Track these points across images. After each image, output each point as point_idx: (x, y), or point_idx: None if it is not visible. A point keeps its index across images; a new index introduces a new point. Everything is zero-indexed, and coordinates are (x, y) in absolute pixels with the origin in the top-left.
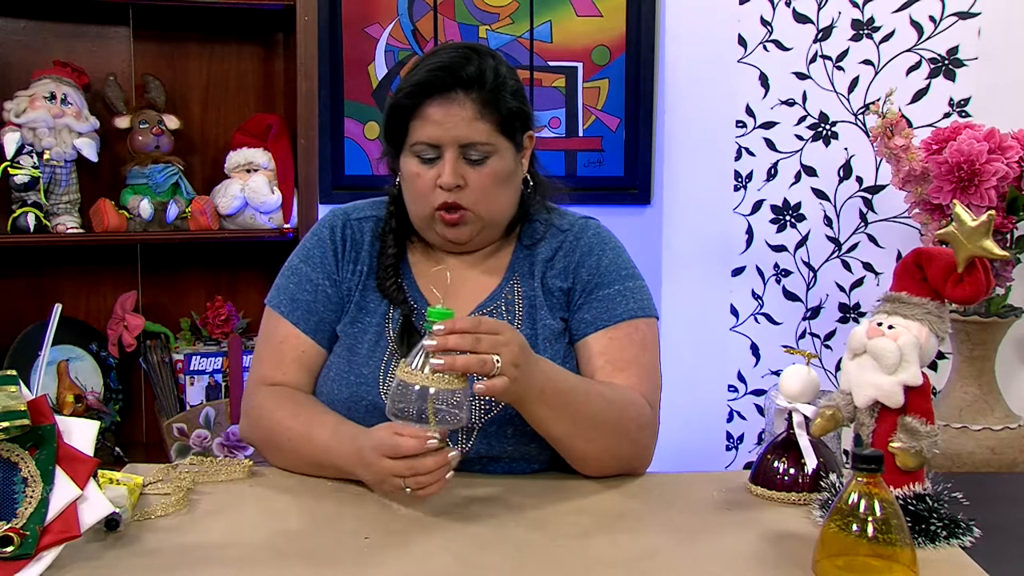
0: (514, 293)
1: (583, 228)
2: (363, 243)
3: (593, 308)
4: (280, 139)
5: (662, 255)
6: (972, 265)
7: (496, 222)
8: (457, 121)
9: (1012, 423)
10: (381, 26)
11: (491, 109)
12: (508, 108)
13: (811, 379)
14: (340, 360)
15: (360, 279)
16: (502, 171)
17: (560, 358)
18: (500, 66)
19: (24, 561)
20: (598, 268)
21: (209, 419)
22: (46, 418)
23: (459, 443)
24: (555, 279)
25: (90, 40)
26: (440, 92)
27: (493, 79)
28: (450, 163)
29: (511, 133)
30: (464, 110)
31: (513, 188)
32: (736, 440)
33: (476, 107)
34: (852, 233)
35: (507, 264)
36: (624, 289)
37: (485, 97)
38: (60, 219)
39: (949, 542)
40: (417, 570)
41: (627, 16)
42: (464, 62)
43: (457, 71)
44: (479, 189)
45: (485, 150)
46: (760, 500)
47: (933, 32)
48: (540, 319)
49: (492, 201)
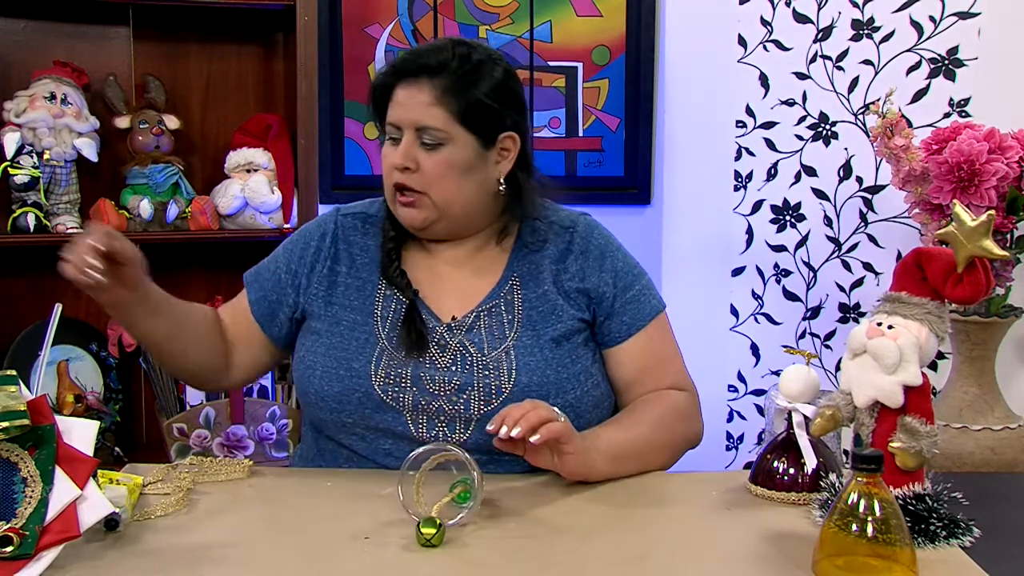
0: (514, 294)
1: (587, 228)
2: (351, 241)
3: (623, 314)
4: (280, 139)
5: (662, 255)
6: (972, 265)
7: (452, 213)
8: (415, 104)
9: (1012, 423)
10: (381, 26)
11: (451, 97)
12: (474, 99)
13: (811, 379)
14: (327, 358)
15: (337, 277)
16: (457, 160)
17: (571, 358)
18: (484, 62)
19: (24, 561)
20: (616, 272)
21: (209, 419)
22: (46, 418)
23: (457, 433)
24: (571, 281)
25: (90, 40)
26: (406, 76)
27: (460, 68)
28: (403, 144)
29: (474, 126)
30: (423, 94)
31: (473, 182)
32: (736, 440)
33: (436, 93)
34: (852, 233)
35: (505, 264)
36: (643, 287)
37: (446, 84)
38: (60, 219)
39: (949, 542)
40: (417, 570)
41: (627, 16)
42: (436, 51)
43: (424, 57)
44: (429, 174)
45: (438, 136)
46: (760, 500)
47: (933, 32)
48: (549, 320)
49: (443, 188)
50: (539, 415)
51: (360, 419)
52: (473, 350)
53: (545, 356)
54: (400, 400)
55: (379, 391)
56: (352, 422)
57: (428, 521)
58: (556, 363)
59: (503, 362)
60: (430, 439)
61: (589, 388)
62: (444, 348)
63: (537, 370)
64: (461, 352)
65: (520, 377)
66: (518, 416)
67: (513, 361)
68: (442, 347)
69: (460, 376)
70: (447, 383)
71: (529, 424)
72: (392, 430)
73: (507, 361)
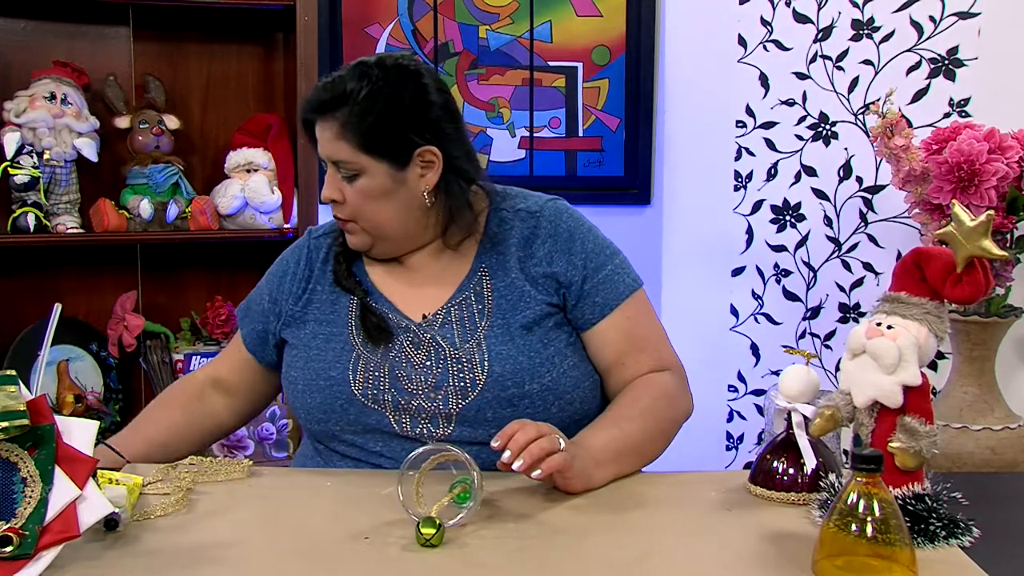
0: (483, 285)
1: (555, 212)
2: (325, 259)
3: (595, 295)
4: (280, 139)
5: (662, 255)
6: (971, 265)
7: (386, 235)
8: (325, 140)
9: (1012, 423)
10: (381, 26)
11: (350, 130)
12: (374, 127)
13: (811, 379)
14: (306, 372)
15: (313, 296)
16: (373, 189)
17: (543, 342)
18: (383, 86)
19: (23, 561)
20: (586, 254)
21: None
22: (45, 418)
23: (440, 428)
24: (538, 265)
25: (90, 40)
26: (317, 112)
27: (355, 98)
28: (327, 178)
29: (380, 151)
30: (330, 130)
31: (395, 204)
32: (736, 440)
33: (336, 127)
34: (852, 233)
35: (473, 255)
36: (615, 267)
37: (347, 117)
38: (60, 219)
39: (948, 542)
40: (417, 570)
41: (627, 16)
42: (335, 83)
43: (323, 93)
44: (352, 204)
45: (350, 168)
46: (760, 500)
47: (933, 32)
48: (518, 307)
49: (370, 216)
50: (541, 448)
51: (347, 425)
52: (445, 344)
53: (516, 344)
54: (380, 401)
55: (359, 396)
56: (340, 429)
57: (428, 521)
58: (528, 349)
59: (475, 354)
60: (415, 436)
61: (566, 369)
62: (418, 346)
63: (509, 358)
64: (434, 347)
65: (493, 367)
66: (523, 442)
67: (485, 352)
68: (416, 345)
69: (435, 372)
70: (424, 381)
71: (532, 458)
72: (379, 429)
73: (479, 352)
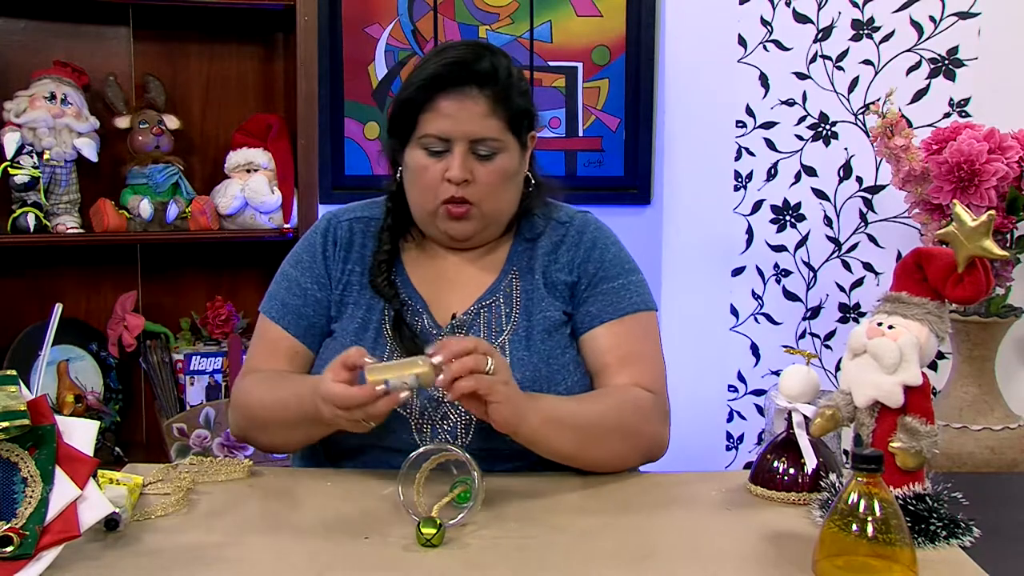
0: (512, 287)
1: (584, 222)
2: (353, 243)
3: (599, 301)
4: (280, 139)
5: (662, 255)
6: (972, 265)
7: (498, 220)
8: (470, 116)
9: (1012, 423)
10: (381, 26)
11: (502, 106)
12: (517, 106)
13: (811, 379)
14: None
15: (351, 278)
16: (509, 168)
17: (560, 348)
18: (511, 65)
19: (24, 561)
20: (603, 262)
21: (209, 419)
22: (46, 418)
23: (458, 439)
24: (559, 272)
25: (90, 40)
26: (453, 86)
27: (506, 76)
28: (459, 157)
29: (518, 131)
30: (477, 105)
31: (516, 186)
32: (736, 440)
33: (489, 103)
34: (852, 233)
35: (505, 258)
36: (627, 283)
37: (497, 94)
38: (60, 219)
39: (949, 542)
40: (417, 570)
41: (627, 16)
42: (477, 58)
43: (472, 66)
44: (486, 185)
45: (494, 146)
46: (760, 500)
47: (933, 32)
48: (539, 311)
49: (497, 198)
50: (464, 365)
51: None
52: None
53: (537, 349)
54: (407, 406)
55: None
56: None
57: (428, 521)
58: (547, 355)
59: None
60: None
61: (579, 378)
62: None
63: (530, 365)
64: None
65: (513, 374)
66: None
67: (508, 358)
68: None
69: None
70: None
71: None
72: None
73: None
